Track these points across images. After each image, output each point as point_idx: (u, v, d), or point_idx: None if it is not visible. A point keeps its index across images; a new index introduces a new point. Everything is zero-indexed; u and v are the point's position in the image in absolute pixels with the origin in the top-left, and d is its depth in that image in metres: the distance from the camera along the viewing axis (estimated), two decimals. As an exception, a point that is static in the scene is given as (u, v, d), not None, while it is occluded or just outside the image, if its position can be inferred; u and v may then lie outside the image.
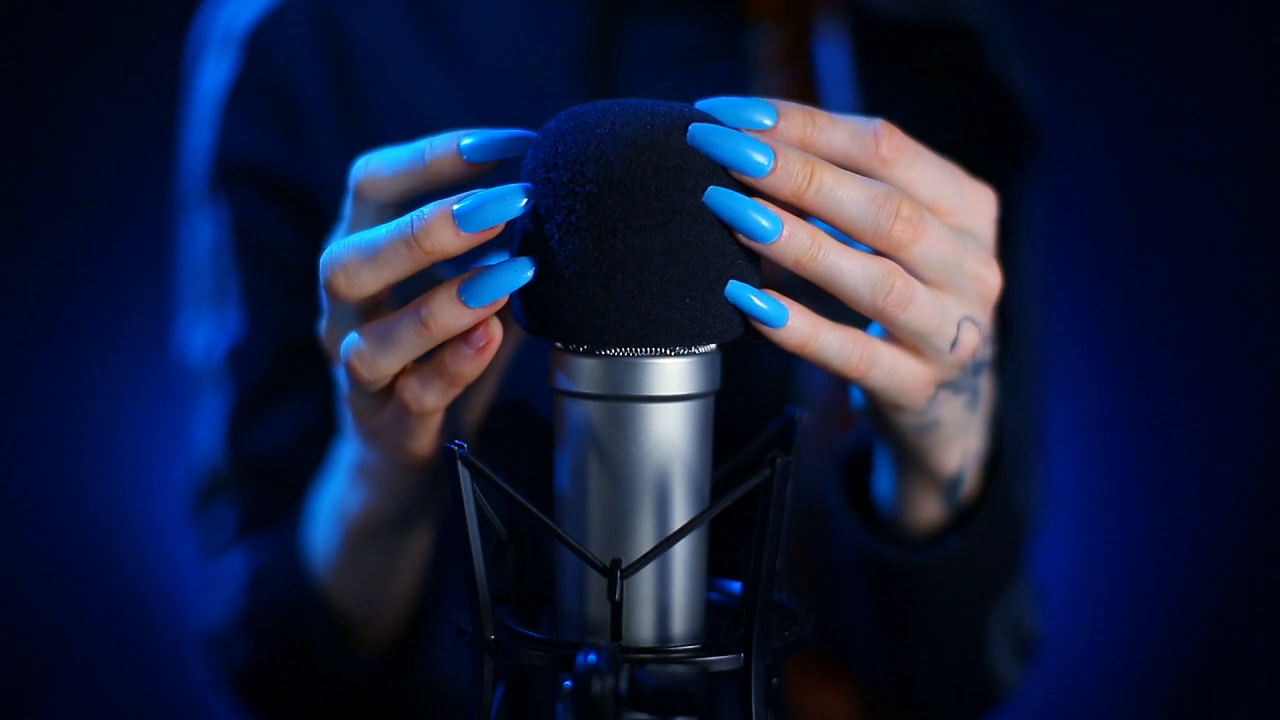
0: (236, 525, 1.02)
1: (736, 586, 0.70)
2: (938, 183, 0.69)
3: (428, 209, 0.65)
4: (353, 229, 0.70)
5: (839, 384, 1.02)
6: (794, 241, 0.65)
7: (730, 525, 0.67)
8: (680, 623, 0.67)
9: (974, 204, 0.71)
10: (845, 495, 0.87)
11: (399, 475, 0.79)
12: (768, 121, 0.66)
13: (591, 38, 1.01)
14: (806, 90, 1.03)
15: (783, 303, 0.65)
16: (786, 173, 0.65)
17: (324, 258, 0.68)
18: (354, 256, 0.66)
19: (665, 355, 0.65)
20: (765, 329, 0.65)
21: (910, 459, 0.79)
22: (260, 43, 1.02)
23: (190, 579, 1.09)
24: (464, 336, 0.66)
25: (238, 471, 1.03)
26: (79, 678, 1.63)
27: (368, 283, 0.66)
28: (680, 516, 0.66)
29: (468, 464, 0.64)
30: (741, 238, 0.64)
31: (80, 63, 1.60)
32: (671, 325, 0.64)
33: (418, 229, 0.65)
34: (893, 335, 0.69)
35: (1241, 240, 1.62)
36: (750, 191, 0.65)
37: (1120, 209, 1.64)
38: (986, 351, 0.74)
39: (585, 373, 0.65)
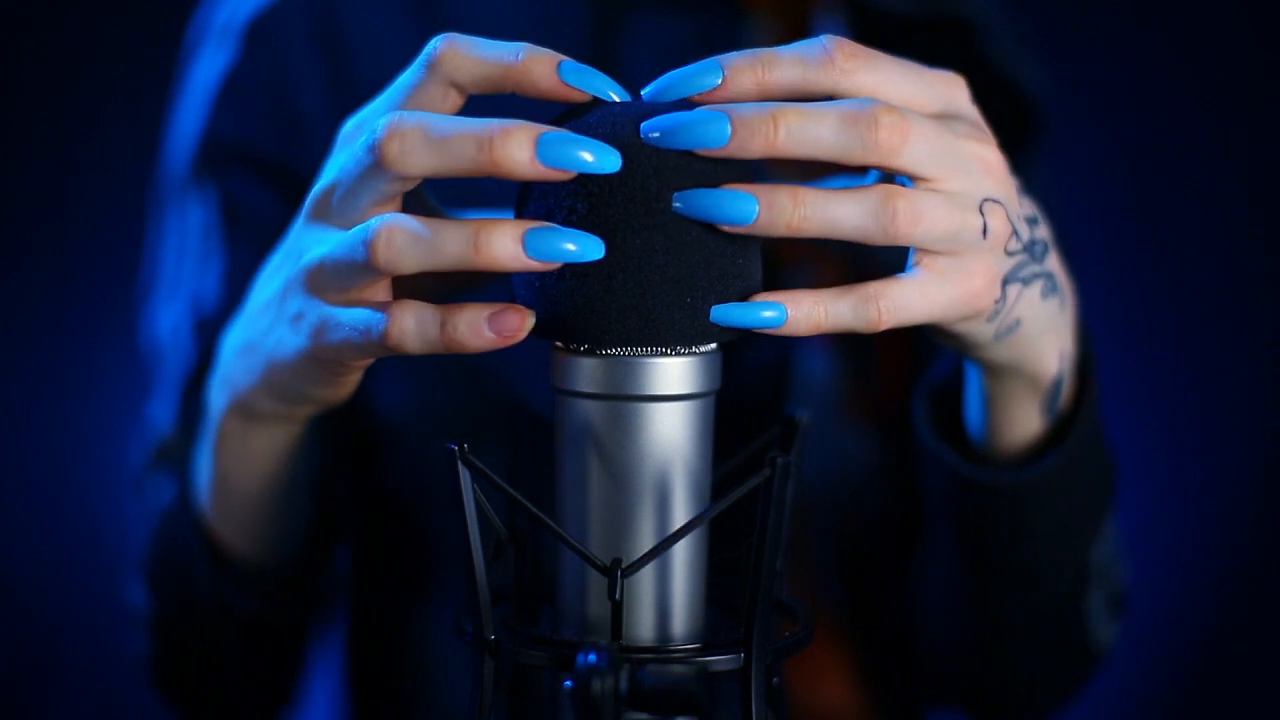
0: (176, 493, 0.97)
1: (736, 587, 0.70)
2: (904, 82, 0.66)
3: (513, 121, 0.62)
4: (411, 99, 0.66)
5: (839, 380, 1.02)
6: (776, 209, 0.63)
7: (730, 525, 0.67)
8: (680, 622, 0.67)
9: (945, 91, 0.68)
10: (933, 429, 0.84)
11: (275, 399, 0.76)
12: (716, 80, 0.64)
13: (591, 31, 1.01)
14: None
15: (775, 301, 0.64)
16: (749, 129, 0.63)
17: (386, 119, 0.63)
18: (418, 129, 0.63)
19: (666, 355, 0.65)
20: (771, 333, 0.65)
21: (1007, 373, 0.76)
22: (258, 34, 1.02)
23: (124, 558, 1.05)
24: (491, 317, 0.63)
25: (186, 435, 0.98)
26: (79, 678, 1.63)
27: (420, 162, 0.63)
28: (680, 516, 0.66)
29: (468, 464, 0.64)
30: (730, 229, 0.63)
31: (79, 62, 1.60)
32: (672, 325, 0.64)
33: (497, 133, 0.62)
34: (926, 256, 0.66)
35: (1243, 237, 1.62)
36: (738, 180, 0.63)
37: (1121, 206, 1.64)
38: (1041, 232, 0.71)
39: (586, 372, 0.65)
